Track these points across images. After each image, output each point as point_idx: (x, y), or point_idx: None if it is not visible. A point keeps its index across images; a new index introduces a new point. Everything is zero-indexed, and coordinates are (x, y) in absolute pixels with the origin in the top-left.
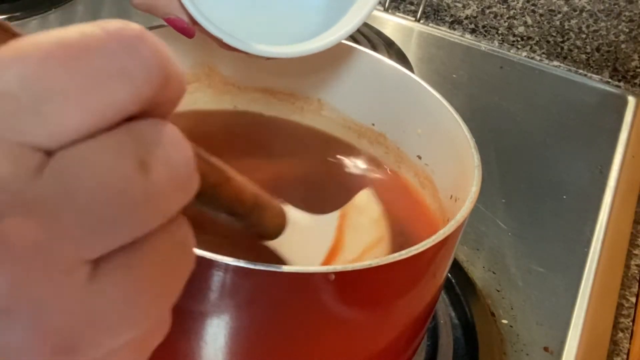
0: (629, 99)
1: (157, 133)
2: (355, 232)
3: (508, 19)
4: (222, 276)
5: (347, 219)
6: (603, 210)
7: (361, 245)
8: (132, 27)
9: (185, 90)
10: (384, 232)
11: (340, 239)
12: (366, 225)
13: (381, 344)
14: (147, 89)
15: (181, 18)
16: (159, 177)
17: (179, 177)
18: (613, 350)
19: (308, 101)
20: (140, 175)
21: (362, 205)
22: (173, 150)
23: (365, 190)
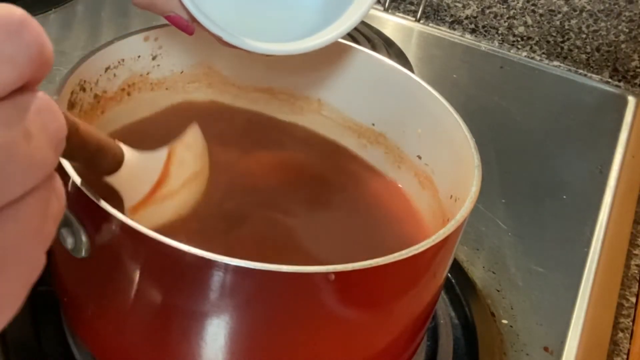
0: (629, 99)
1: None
2: (180, 166)
3: (508, 19)
4: (222, 276)
5: (175, 154)
6: (603, 210)
7: (183, 177)
8: (16, 12)
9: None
10: (204, 166)
11: (167, 172)
12: (190, 160)
13: (381, 344)
14: (28, 70)
15: (181, 15)
16: (39, 143)
17: (54, 141)
18: (613, 350)
19: (308, 101)
20: (24, 141)
21: (189, 142)
22: (50, 117)
23: (193, 127)
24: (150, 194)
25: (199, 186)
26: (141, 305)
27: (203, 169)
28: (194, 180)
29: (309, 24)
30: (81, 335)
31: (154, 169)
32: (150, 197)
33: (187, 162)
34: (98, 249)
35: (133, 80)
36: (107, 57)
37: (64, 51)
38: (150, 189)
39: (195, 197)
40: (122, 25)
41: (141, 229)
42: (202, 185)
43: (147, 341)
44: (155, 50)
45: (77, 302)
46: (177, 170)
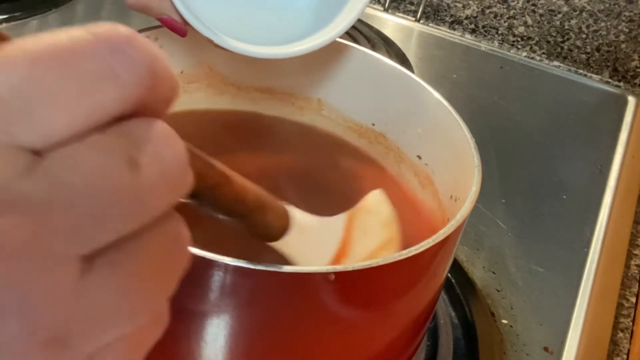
0: (629, 99)
1: (147, 131)
2: (363, 235)
3: (508, 19)
4: (222, 276)
5: (355, 220)
6: (603, 210)
7: (369, 248)
8: (121, 30)
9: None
10: (393, 234)
11: (348, 241)
12: (375, 228)
13: (381, 344)
14: (136, 90)
15: (173, 18)
16: (149, 174)
17: (169, 172)
18: (613, 350)
19: (308, 101)
20: (129, 171)
21: (371, 207)
22: (163, 146)
23: (376, 191)
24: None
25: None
26: None
27: (392, 239)
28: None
29: (303, 27)
30: None
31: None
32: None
33: (371, 229)
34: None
35: None
36: None
37: None
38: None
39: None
40: None
41: None
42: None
43: None
44: None
45: None
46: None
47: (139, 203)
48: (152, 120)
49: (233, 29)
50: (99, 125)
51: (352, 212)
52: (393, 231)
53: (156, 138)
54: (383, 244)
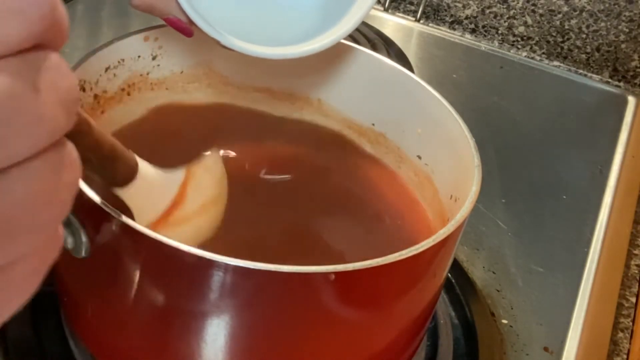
0: (629, 99)
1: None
2: (197, 189)
3: (508, 19)
4: (222, 276)
5: (192, 175)
6: (603, 210)
7: (200, 200)
8: None
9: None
10: (223, 191)
11: (184, 193)
12: (208, 183)
13: (381, 344)
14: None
15: (179, 18)
16: (48, 99)
17: (65, 100)
18: (613, 350)
19: (308, 101)
20: (32, 95)
21: (209, 165)
22: (61, 75)
23: (213, 152)
24: (165, 216)
25: (216, 213)
26: (141, 305)
27: (221, 196)
28: (212, 206)
29: (308, 27)
30: (81, 335)
31: (169, 189)
32: (164, 219)
33: (205, 185)
34: (98, 249)
35: (133, 80)
36: (107, 57)
37: (63, 51)
38: (164, 210)
39: (212, 225)
40: (122, 25)
41: (141, 229)
42: (220, 213)
43: (147, 341)
44: (155, 50)
45: (77, 302)
46: (194, 193)
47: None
48: (50, 52)
49: (238, 30)
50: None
51: (191, 167)
52: (223, 189)
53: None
54: (213, 199)
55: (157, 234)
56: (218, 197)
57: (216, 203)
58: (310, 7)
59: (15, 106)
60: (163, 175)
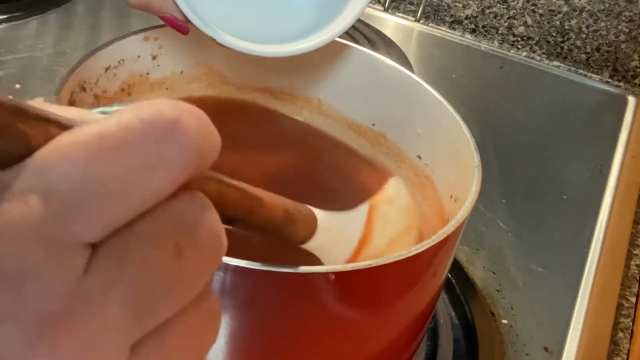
0: (629, 99)
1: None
2: (383, 223)
3: (508, 19)
4: (222, 276)
5: (376, 210)
6: (603, 210)
7: (389, 235)
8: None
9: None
10: (411, 220)
11: (369, 230)
12: (394, 215)
13: (381, 344)
14: (184, 173)
15: (175, 16)
16: (192, 258)
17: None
18: (613, 350)
19: (308, 101)
20: (174, 259)
21: (391, 195)
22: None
23: (395, 179)
24: (354, 257)
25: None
26: None
27: (411, 227)
28: (402, 238)
29: (304, 26)
30: None
31: (353, 229)
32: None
33: (391, 218)
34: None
35: (133, 80)
36: (107, 57)
37: (64, 51)
38: (353, 252)
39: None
40: (122, 25)
41: None
42: (412, 244)
43: None
44: (155, 50)
45: None
46: (381, 229)
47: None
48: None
49: (235, 28)
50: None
51: (373, 201)
52: (411, 218)
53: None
54: (402, 231)
55: None
56: (407, 229)
57: (406, 234)
58: (306, 6)
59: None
60: (344, 216)
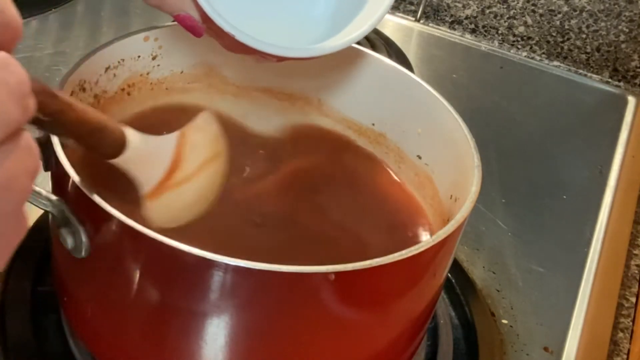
0: (629, 99)
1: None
2: (193, 149)
3: (508, 19)
4: (222, 276)
5: (186, 137)
6: (603, 210)
7: (198, 159)
8: None
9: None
10: (220, 148)
11: (180, 155)
12: (204, 143)
13: (381, 344)
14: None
15: (191, 15)
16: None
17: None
18: (613, 350)
19: (308, 101)
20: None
21: (200, 125)
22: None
23: (205, 112)
24: (165, 179)
25: (218, 169)
26: (141, 305)
27: (220, 152)
28: (211, 163)
29: (319, 31)
30: (81, 335)
31: (164, 153)
32: (166, 183)
33: (200, 145)
34: (98, 249)
35: (133, 80)
36: (107, 57)
37: (64, 51)
38: (164, 174)
39: (216, 181)
40: (122, 25)
41: (141, 229)
42: (221, 168)
43: (147, 341)
44: (155, 50)
45: (77, 302)
46: (191, 154)
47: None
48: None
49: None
50: None
51: (183, 130)
52: (220, 146)
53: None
54: (211, 157)
55: (157, 234)
56: (216, 155)
57: (215, 160)
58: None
59: None
60: (156, 140)
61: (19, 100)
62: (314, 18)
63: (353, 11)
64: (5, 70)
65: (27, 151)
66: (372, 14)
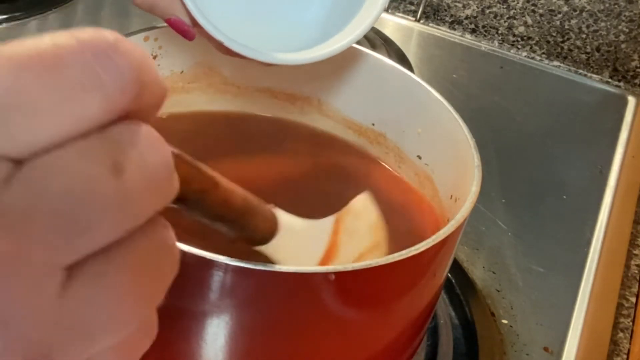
0: (629, 99)
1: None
2: (350, 238)
3: (508, 19)
4: (222, 276)
5: (343, 223)
6: (603, 210)
7: (356, 250)
8: (106, 36)
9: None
10: (380, 238)
11: (335, 244)
12: (362, 231)
13: (381, 344)
14: (121, 99)
15: (182, 19)
16: (133, 178)
17: (154, 177)
18: (613, 350)
19: (308, 101)
20: (112, 176)
21: (359, 210)
22: (148, 151)
23: (363, 195)
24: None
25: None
26: None
27: (379, 244)
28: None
29: (311, 37)
30: None
31: (318, 239)
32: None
33: (359, 233)
34: None
35: None
36: None
37: None
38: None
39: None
40: (122, 25)
41: None
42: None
43: None
44: (155, 50)
45: None
46: (348, 243)
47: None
48: (137, 124)
49: (240, 35)
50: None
51: (340, 215)
52: (380, 235)
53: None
54: (370, 248)
55: None
56: (375, 245)
57: (374, 251)
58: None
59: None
60: (310, 225)
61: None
62: (305, 22)
63: (345, 16)
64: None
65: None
66: (364, 19)
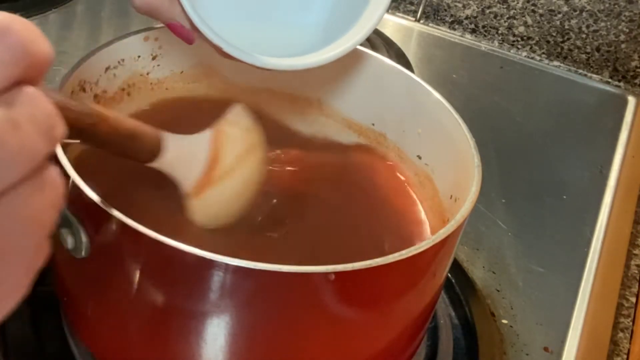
0: (629, 99)
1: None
2: (229, 143)
3: (508, 19)
4: (222, 276)
5: (220, 132)
6: (603, 210)
7: (235, 153)
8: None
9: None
10: (254, 140)
11: (217, 151)
12: (238, 135)
13: (381, 344)
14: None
15: (182, 24)
16: (28, 132)
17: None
18: (613, 350)
19: (308, 101)
20: (12, 130)
21: (233, 119)
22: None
23: (236, 106)
24: (206, 177)
25: (256, 160)
26: (141, 305)
27: (255, 143)
28: (249, 155)
29: (312, 40)
30: (81, 335)
31: (201, 151)
32: (207, 179)
33: (235, 137)
34: (98, 249)
35: (133, 80)
36: (107, 57)
37: (64, 51)
38: (203, 171)
39: (256, 172)
40: (122, 25)
41: (141, 229)
42: (259, 158)
43: (147, 341)
44: (155, 50)
45: (77, 302)
46: (227, 148)
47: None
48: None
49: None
50: None
51: (217, 126)
52: (254, 137)
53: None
54: (248, 149)
55: (157, 233)
56: (252, 146)
57: (252, 151)
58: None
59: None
60: (191, 139)
61: (45, 133)
62: (307, 26)
63: (346, 20)
64: (32, 105)
65: (52, 185)
66: (365, 22)
